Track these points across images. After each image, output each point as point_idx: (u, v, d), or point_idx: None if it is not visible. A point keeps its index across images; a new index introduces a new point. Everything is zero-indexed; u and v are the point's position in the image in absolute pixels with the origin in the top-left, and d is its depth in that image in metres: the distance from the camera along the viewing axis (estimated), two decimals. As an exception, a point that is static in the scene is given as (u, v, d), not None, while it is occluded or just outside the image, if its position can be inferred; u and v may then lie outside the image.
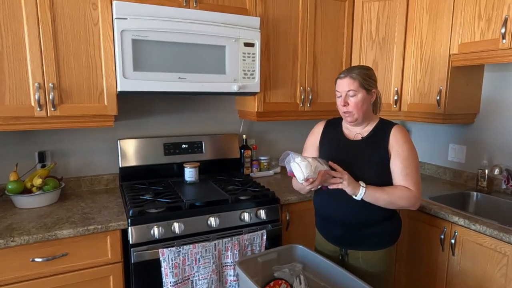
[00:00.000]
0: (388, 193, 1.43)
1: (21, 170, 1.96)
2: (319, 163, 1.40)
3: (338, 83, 1.51)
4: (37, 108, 1.66)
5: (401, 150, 1.47)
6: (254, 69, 2.03)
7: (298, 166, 1.38)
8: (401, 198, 1.43)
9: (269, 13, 2.13)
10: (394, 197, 1.43)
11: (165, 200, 1.80)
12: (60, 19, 1.67)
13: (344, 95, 1.49)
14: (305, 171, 1.37)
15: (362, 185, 1.41)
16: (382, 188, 1.44)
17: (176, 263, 1.61)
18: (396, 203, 1.43)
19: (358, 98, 1.47)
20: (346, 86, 1.48)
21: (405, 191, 1.44)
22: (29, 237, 1.45)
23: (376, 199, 1.43)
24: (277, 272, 1.49)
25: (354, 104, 1.47)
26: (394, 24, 2.28)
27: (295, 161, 1.40)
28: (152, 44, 1.77)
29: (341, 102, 1.49)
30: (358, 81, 1.47)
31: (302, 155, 1.43)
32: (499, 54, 1.79)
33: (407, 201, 1.44)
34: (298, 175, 1.39)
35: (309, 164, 1.37)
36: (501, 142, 2.15)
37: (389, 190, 1.44)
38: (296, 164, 1.39)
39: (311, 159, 1.40)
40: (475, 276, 1.69)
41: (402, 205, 1.45)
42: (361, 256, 1.54)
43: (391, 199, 1.43)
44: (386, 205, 1.44)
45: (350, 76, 1.48)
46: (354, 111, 1.48)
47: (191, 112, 2.38)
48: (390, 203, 1.43)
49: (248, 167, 2.46)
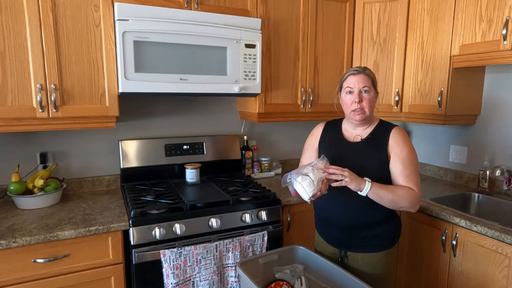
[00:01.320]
0: (393, 192, 1.41)
1: (22, 171, 1.96)
2: (319, 170, 1.38)
3: (351, 79, 1.48)
4: (39, 109, 1.66)
5: (401, 152, 1.47)
6: (255, 70, 2.03)
7: (301, 185, 1.36)
8: (404, 198, 1.42)
9: (270, 14, 2.13)
10: (398, 196, 1.41)
11: (166, 201, 1.80)
12: (62, 21, 1.67)
13: (357, 91, 1.47)
14: (308, 190, 1.35)
15: (367, 180, 1.39)
16: (387, 186, 1.42)
17: (177, 264, 1.61)
18: (399, 202, 1.42)
19: (370, 95, 1.47)
20: (361, 83, 1.46)
21: (408, 191, 1.43)
22: (31, 238, 1.46)
23: (380, 197, 1.40)
24: (278, 273, 1.48)
25: (368, 101, 1.47)
26: (395, 25, 2.28)
27: (296, 180, 1.37)
28: (153, 46, 1.77)
29: (355, 98, 1.46)
30: (371, 79, 1.48)
31: (301, 171, 1.39)
32: (500, 55, 1.79)
33: (409, 201, 1.43)
34: (303, 195, 1.36)
35: (311, 180, 1.35)
36: (502, 143, 2.15)
37: (393, 188, 1.43)
38: (298, 183, 1.37)
39: (311, 171, 1.37)
40: (477, 277, 1.69)
41: (403, 206, 1.44)
42: (360, 258, 1.54)
43: (394, 198, 1.41)
44: (389, 204, 1.42)
45: (364, 73, 1.47)
46: (367, 108, 1.47)
47: (192, 113, 2.38)
48: (393, 202, 1.42)
49: (249, 168, 2.47)
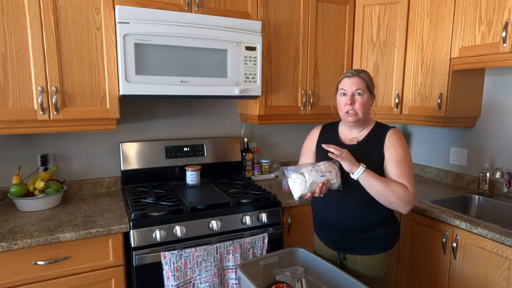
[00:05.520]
0: (385, 183, 1.40)
1: (23, 173, 1.97)
2: (318, 173, 1.38)
3: (345, 82, 1.50)
4: (40, 112, 1.67)
5: (395, 152, 1.46)
6: (256, 73, 2.03)
7: (293, 183, 1.39)
8: (395, 193, 1.40)
9: (270, 17, 2.14)
10: (390, 189, 1.40)
11: (167, 203, 1.80)
12: (63, 24, 1.68)
13: (350, 94, 1.48)
14: (298, 189, 1.38)
15: (362, 165, 1.40)
16: (381, 177, 1.42)
17: (177, 266, 1.61)
18: (389, 196, 1.40)
19: (364, 98, 1.47)
20: (354, 85, 1.47)
21: (401, 187, 1.42)
22: (32, 240, 1.46)
23: (370, 184, 1.40)
24: (279, 275, 1.49)
25: (361, 104, 1.47)
26: (395, 27, 2.29)
27: (290, 177, 1.40)
28: (154, 48, 1.78)
29: (347, 101, 1.48)
30: (366, 82, 1.48)
31: (299, 168, 1.41)
32: (499, 58, 1.80)
33: (400, 197, 1.40)
34: (293, 193, 1.40)
35: (304, 181, 1.37)
36: (502, 145, 2.15)
37: (387, 181, 1.42)
38: (291, 180, 1.39)
39: (308, 172, 1.38)
40: (477, 279, 1.69)
41: (393, 201, 1.41)
42: (359, 261, 1.54)
43: (385, 190, 1.39)
44: (379, 195, 1.41)
45: (359, 76, 1.48)
46: (359, 110, 1.47)
47: (192, 115, 2.39)
48: (383, 194, 1.40)
49: (249, 170, 2.47)
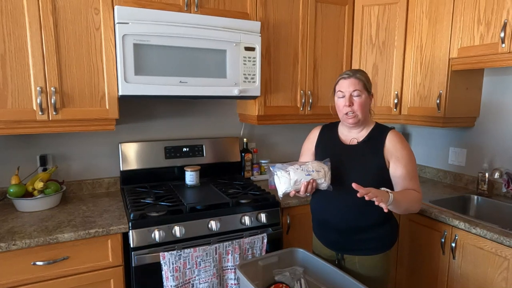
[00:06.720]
0: (406, 199, 1.40)
1: (22, 173, 1.97)
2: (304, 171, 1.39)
3: (342, 83, 1.50)
4: (39, 112, 1.66)
5: (401, 156, 1.47)
6: (255, 73, 2.03)
7: (278, 180, 1.41)
8: (414, 202, 1.44)
9: (269, 17, 2.14)
10: (411, 202, 1.42)
11: (166, 204, 1.80)
12: (62, 24, 1.68)
13: (348, 95, 1.47)
14: (282, 187, 1.40)
15: (389, 192, 1.33)
16: (400, 193, 1.40)
17: (176, 266, 1.61)
18: (410, 208, 1.43)
19: (362, 98, 1.48)
20: (352, 86, 1.47)
21: (416, 195, 1.45)
22: (31, 241, 1.46)
23: (398, 205, 1.37)
24: (278, 275, 1.48)
25: (359, 104, 1.47)
26: (394, 28, 2.29)
27: (276, 174, 1.42)
28: (153, 49, 1.78)
29: (346, 102, 1.48)
30: (363, 82, 1.48)
31: (286, 166, 1.43)
32: (498, 58, 1.80)
33: (417, 204, 1.45)
34: (278, 190, 1.43)
35: (288, 179, 1.38)
36: (501, 145, 2.16)
37: (405, 194, 1.41)
38: (277, 178, 1.42)
39: (294, 170, 1.39)
40: (476, 280, 1.69)
41: (413, 210, 1.46)
42: (357, 261, 1.54)
43: (408, 205, 1.41)
44: (402, 211, 1.42)
45: (355, 76, 1.48)
46: (358, 111, 1.48)
47: (192, 115, 2.39)
48: (406, 209, 1.43)
49: (248, 170, 2.47)
